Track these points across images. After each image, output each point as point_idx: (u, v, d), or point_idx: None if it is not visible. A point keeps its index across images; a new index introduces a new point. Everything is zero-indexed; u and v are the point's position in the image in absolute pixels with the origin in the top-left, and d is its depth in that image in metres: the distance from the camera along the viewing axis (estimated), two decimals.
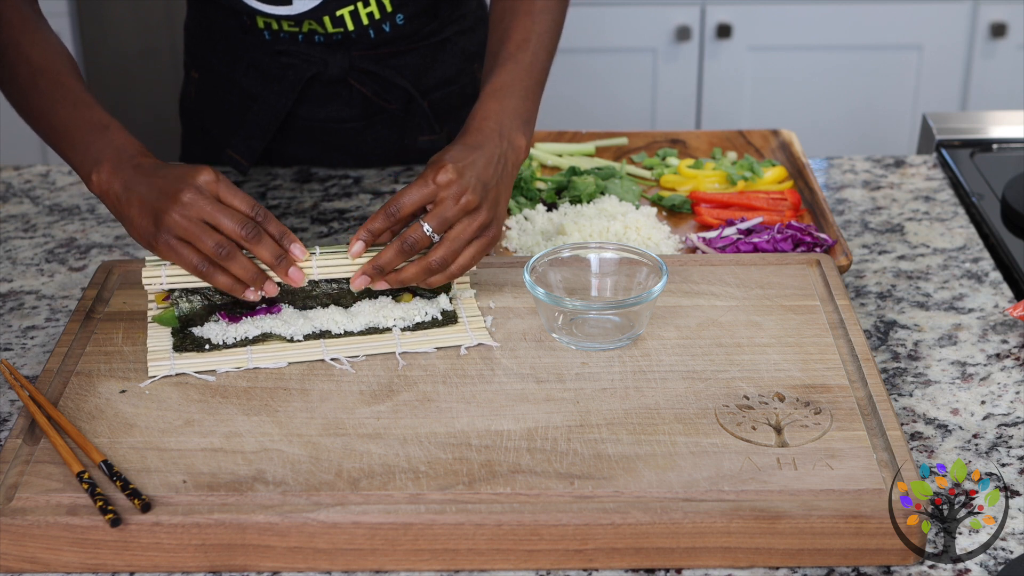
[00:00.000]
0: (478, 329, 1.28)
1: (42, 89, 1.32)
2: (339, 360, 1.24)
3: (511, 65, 1.38)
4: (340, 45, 1.66)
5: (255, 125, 1.71)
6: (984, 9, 2.97)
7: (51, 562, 1.05)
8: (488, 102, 1.35)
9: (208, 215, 1.22)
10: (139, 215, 1.24)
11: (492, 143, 1.31)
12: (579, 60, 3.00)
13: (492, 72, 1.38)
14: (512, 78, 1.37)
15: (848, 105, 3.06)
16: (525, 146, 1.34)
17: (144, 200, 1.23)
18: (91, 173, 1.27)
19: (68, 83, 1.33)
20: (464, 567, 1.05)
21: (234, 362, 1.23)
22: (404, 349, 1.25)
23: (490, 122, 1.33)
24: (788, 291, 1.34)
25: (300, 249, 1.25)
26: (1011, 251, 1.52)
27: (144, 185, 1.24)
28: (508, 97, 1.35)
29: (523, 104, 1.36)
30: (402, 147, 1.77)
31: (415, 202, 1.26)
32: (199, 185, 1.22)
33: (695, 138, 1.79)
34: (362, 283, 1.26)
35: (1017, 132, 1.83)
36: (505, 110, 1.34)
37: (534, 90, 1.39)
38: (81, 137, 1.29)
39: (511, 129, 1.33)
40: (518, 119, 1.34)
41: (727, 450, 1.10)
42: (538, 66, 1.40)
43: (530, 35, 1.41)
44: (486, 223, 1.27)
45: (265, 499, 1.05)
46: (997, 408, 1.24)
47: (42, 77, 1.33)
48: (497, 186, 1.29)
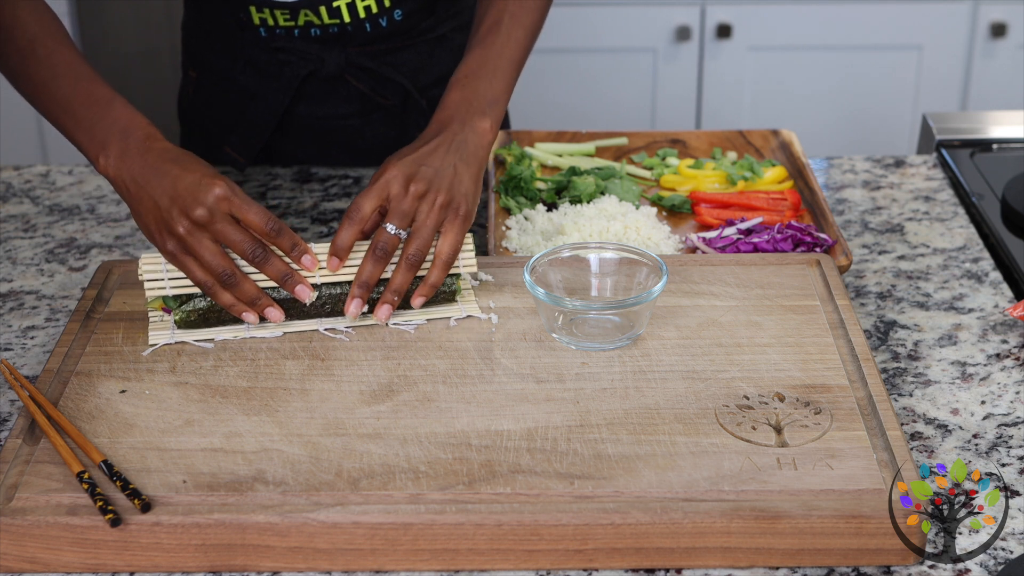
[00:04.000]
0: (469, 302, 1.31)
1: (41, 58, 1.31)
2: (335, 330, 1.27)
3: (478, 50, 1.40)
4: (336, 41, 1.66)
5: (253, 123, 1.71)
6: (984, 9, 2.97)
7: (51, 562, 1.05)
8: (451, 92, 1.37)
9: (220, 235, 1.23)
10: (149, 215, 1.25)
11: (447, 134, 1.32)
12: (579, 60, 3.00)
13: (462, 60, 1.40)
14: (479, 63, 1.38)
15: (848, 105, 3.06)
16: (489, 127, 1.35)
17: (155, 203, 1.24)
18: (98, 155, 1.27)
19: (66, 54, 1.32)
20: (464, 567, 1.05)
21: (232, 331, 1.26)
22: (395, 322, 1.28)
23: (449, 112, 1.35)
24: (788, 291, 1.34)
25: (311, 260, 1.27)
26: (1011, 251, 1.52)
27: (155, 185, 1.24)
28: (473, 82, 1.37)
29: (489, 86, 1.37)
30: (400, 143, 1.76)
31: (371, 204, 1.27)
32: (211, 205, 1.22)
33: (695, 138, 1.79)
34: (357, 308, 1.27)
35: (1017, 132, 1.83)
36: (467, 98, 1.35)
37: (505, 69, 1.39)
38: (84, 114, 1.28)
39: (473, 114, 1.34)
40: (482, 102, 1.35)
41: (727, 450, 1.10)
42: (512, 45, 1.40)
43: (502, 16, 1.41)
44: (445, 203, 1.28)
45: (265, 499, 1.05)
46: (997, 408, 1.24)
47: (41, 45, 1.31)
48: (454, 167, 1.30)
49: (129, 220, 1.64)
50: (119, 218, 1.65)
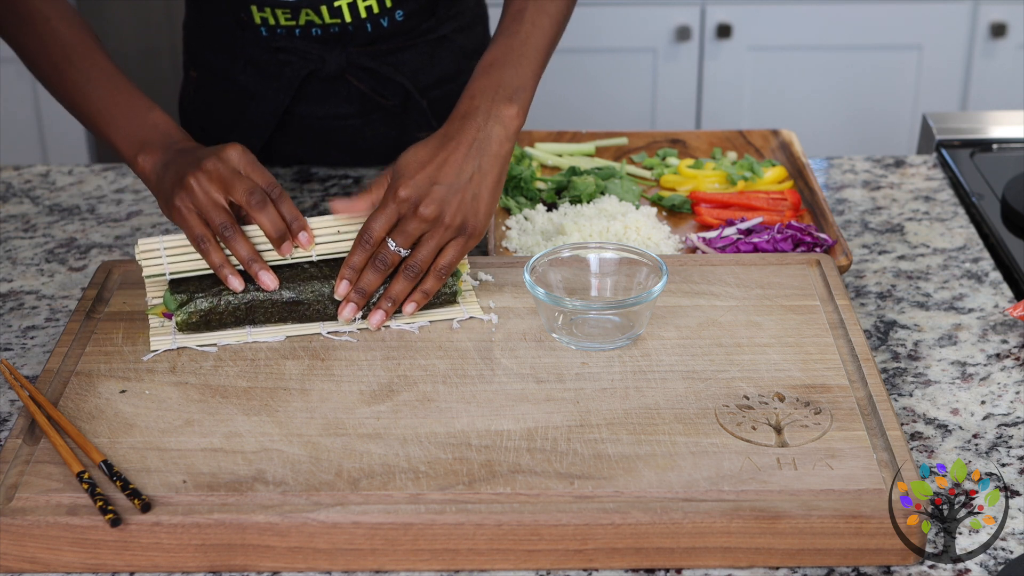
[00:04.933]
0: (471, 303, 1.31)
1: (78, 66, 1.38)
2: (338, 332, 1.27)
3: (503, 39, 1.37)
4: (337, 41, 1.66)
5: (253, 123, 1.71)
6: (984, 9, 2.97)
7: (51, 562, 1.05)
8: (475, 81, 1.34)
9: (226, 180, 1.26)
10: (170, 182, 1.29)
11: (470, 131, 1.30)
12: (579, 60, 3.00)
13: (486, 50, 1.38)
14: (503, 51, 1.35)
15: (848, 105, 3.06)
16: (516, 112, 1.32)
17: (176, 170, 1.29)
18: (137, 155, 1.33)
19: (104, 63, 1.39)
20: (464, 567, 1.05)
21: (234, 336, 1.26)
22: (398, 323, 1.28)
23: (474, 103, 1.32)
24: (788, 291, 1.34)
25: (307, 237, 1.28)
26: (1011, 251, 1.52)
27: (180, 160, 1.30)
28: (497, 71, 1.34)
29: (515, 73, 1.34)
30: (400, 143, 1.76)
31: (383, 227, 1.28)
32: (224, 156, 1.28)
33: (695, 138, 1.79)
34: (351, 312, 1.27)
35: (1017, 132, 1.83)
36: (492, 85, 1.33)
37: (531, 56, 1.36)
38: (124, 120, 1.35)
39: (498, 102, 1.31)
40: (508, 89, 1.32)
41: (727, 450, 1.10)
42: (537, 32, 1.37)
43: (526, 5, 1.39)
44: (455, 226, 1.27)
45: (265, 499, 1.05)
46: (997, 408, 1.24)
47: (75, 53, 1.38)
48: (472, 178, 1.28)
49: (129, 220, 1.64)
50: (119, 218, 1.65)
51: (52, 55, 1.38)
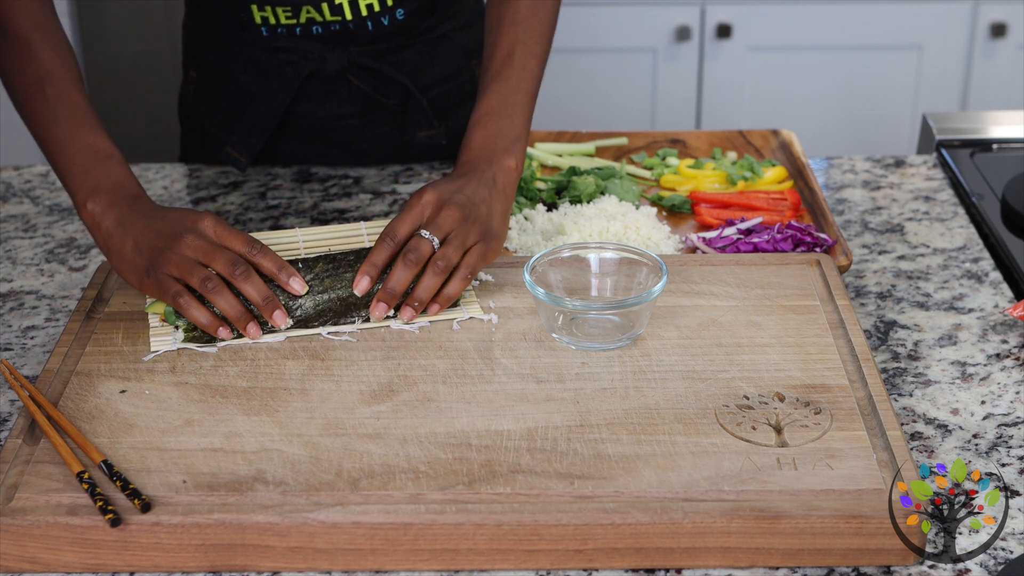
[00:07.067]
0: (471, 303, 1.31)
1: (49, 98, 1.33)
2: (338, 333, 1.27)
3: (497, 85, 1.41)
4: (338, 40, 1.67)
5: (253, 122, 1.71)
6: (984, 9, 2.97)
7: (51, 562, 1.05)
8: (475, 131, 1.39)
9: (204, 253, 1.25)
10: (132, 252, 1.26)
11: (477, 172, 1.35)
12: (579, 60, 3.00)
13: (480, 95, 1.42)
14: (499, 100, 1.40)
15: (848, 105, 3.06)
16: (515, 165, 1.37)
17: (140, 239, 1.26)
18: (86, 201, 1.29)
19: (75, 98, 1.34)
20: (464, 567, 1.05)
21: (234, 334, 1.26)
22: (398, 324, 1.28)
23: (475, 153, 1.37)
24: (788, 291, 1.34)
25: (300, 283, 1.28)
26: (1011, 251, 1.52)
27: (141, 225, 1.27)
28: (495, 120, 1.39)
29: (511, 124, 1.39)
30: (401, 143, 1.77)
31: (407, 227, 1.29)
32: (198, 229, 1.26)
33: (695, 138, 1.79)
34: (382, 311, 1.28)
35: (1017, 132, 1.83)
36: (491, 136, 1.38)
37: (524, 103, 1.42)
38: (81, 161, 1.31)
39: (499, 152, 1.37)
40: (505, 140, 1.38)
41: (727, 450, 1.10)
42: (527, 77, 1.43)
43: (515, 46, 1.43)
44: (478, 229, 1.30)
45: (265, 499, 1.05)
46: (997, 408, 1.24)
47: (50, 84, 1.33)
48: (488, 199, 1.33)
49: None
50: None
51: (27, 80, 1.34)
